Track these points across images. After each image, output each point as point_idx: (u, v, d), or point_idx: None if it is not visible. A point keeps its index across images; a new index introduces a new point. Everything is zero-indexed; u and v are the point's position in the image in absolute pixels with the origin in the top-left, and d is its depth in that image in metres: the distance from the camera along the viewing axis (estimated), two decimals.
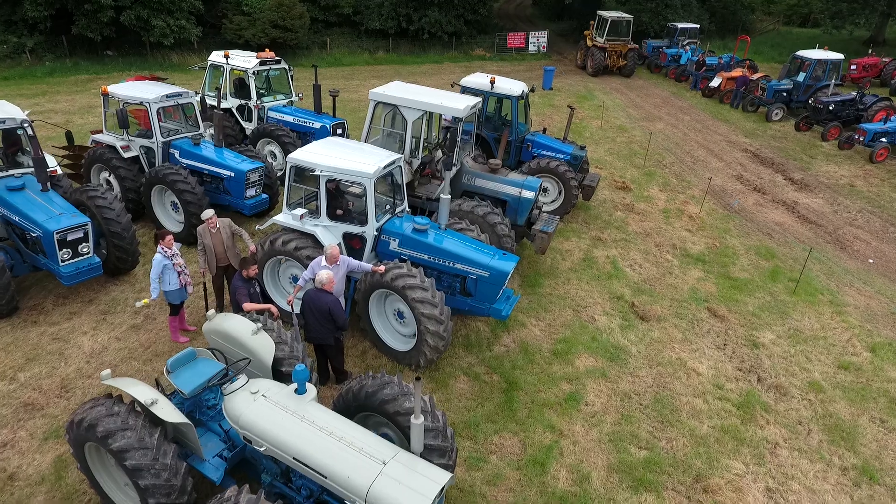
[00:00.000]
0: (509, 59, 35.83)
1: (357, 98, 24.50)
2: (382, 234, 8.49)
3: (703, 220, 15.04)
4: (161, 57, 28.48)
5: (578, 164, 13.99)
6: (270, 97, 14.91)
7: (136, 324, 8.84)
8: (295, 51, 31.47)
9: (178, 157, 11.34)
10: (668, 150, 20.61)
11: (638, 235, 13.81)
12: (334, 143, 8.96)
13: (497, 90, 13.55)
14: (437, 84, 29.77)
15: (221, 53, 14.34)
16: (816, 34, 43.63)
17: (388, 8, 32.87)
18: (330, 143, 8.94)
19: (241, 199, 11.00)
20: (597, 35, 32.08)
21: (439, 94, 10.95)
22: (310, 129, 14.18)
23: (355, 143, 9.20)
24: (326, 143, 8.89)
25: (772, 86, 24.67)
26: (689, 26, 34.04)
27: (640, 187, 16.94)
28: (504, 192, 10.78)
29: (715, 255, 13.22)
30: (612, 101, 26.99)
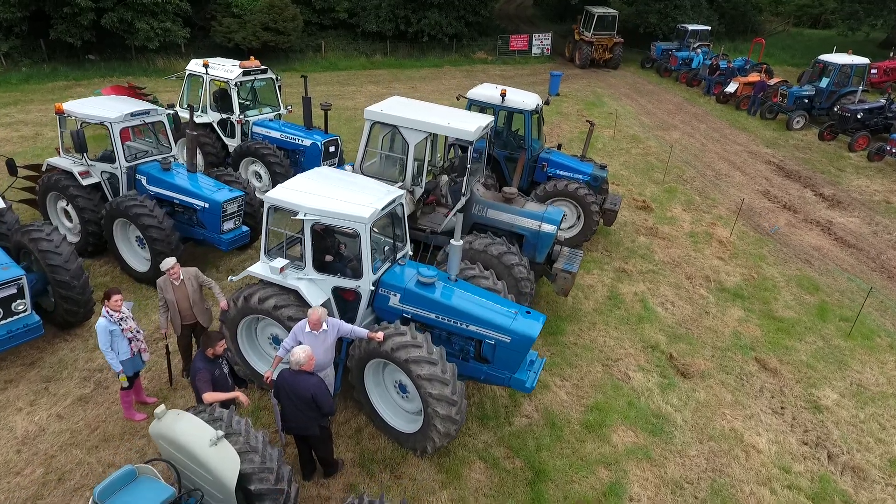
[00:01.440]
0: (512, 63, 34.37)
1: (353, 106, 23.04)
2: (381, 287, 7.03)
3: (734, 246, 13.60)
4: (146, 61, 26.96)
5: (599, 185, 12.54)
6: (255, 110, 13.43)
7: (85, 394, 7.36)
8: (288, 54, 29.98)
9: (145, 185, 9.86)
10: (687, 162, 19.18)
11: (666, 265, 12.37)
12: (321, 176, 7.49)
13: (508, 104, 12.10)
14: (439, 90, 28.41)
15: (200, 62, 12.86)
16: (828, 35, 42.29)
17: (386, 9, 31.38)
18: (316, 175, 7.47)
19: (216, 234, 9.53)
20: (584, 29, 33.15)
21: (445, 112, 9.49)
22: (299, 146, 12.72)
23: (347, 176, 7.73)
24: (312, 176, 7.42)
25: (793, 92, 23.25)
26: (700, 28, 32.64)
27: (662, 207, 15.50)
28: (521, 226, 9.33)
29: (753, 289, 11.79)
30: (623, 107, 25.57)
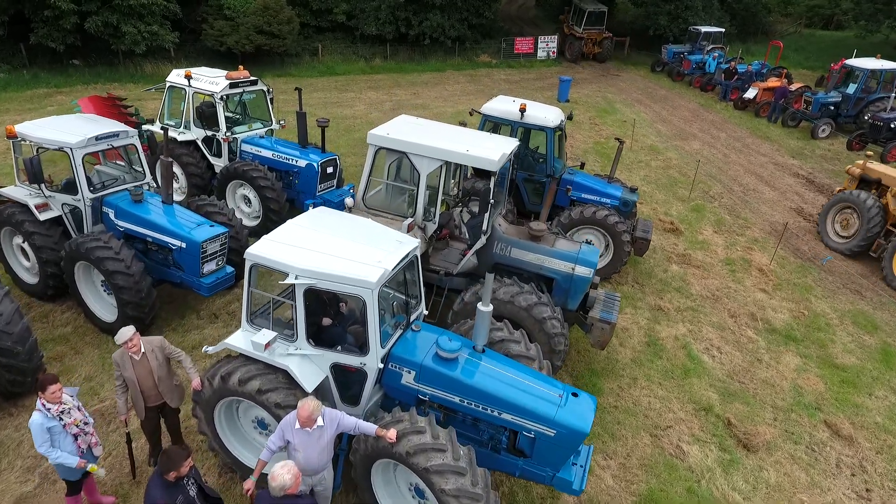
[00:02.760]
0: (517, 66, 33.03)
1: (352, 115, 21.67)
2: (391, 361, 5.67)
3: (776, 275, 12.26)
4: (133, 67, 25.54)
5: (629, 210, 11.19)
6: (244, 126, 12.05)
7: (26, 493, 5.98)
8: (283, 59, 28.60)
9: (113, 219, 8.49)
10: (711, 176, 17.84)
11: (706, 301, 11.02)
12: (316, 222, 6.13)
13: (528, 120, 10.75)
14: (442, 96, 27.01)
15: (182, 73, 11.48)
16: (843, 37, 41.02)
17: (386, 11, 30.00)
18: (310, 222, 6.10)
19: (195, 277, 8.16)
20: (574, 24, 34.07)
21: (461, 136, 8.12)
22: (293, 167, 11.34)
23: (348, 221, 6.35)
24: (304, 222, 6.06)
25: (818, 99, 21.94)
26: (713, 30, 31.33)
27: (692, 228, 14.15)
28: (551, 269, 7.96)
29: (806, 329, 10.46)
30: (637, 114, 24.23)
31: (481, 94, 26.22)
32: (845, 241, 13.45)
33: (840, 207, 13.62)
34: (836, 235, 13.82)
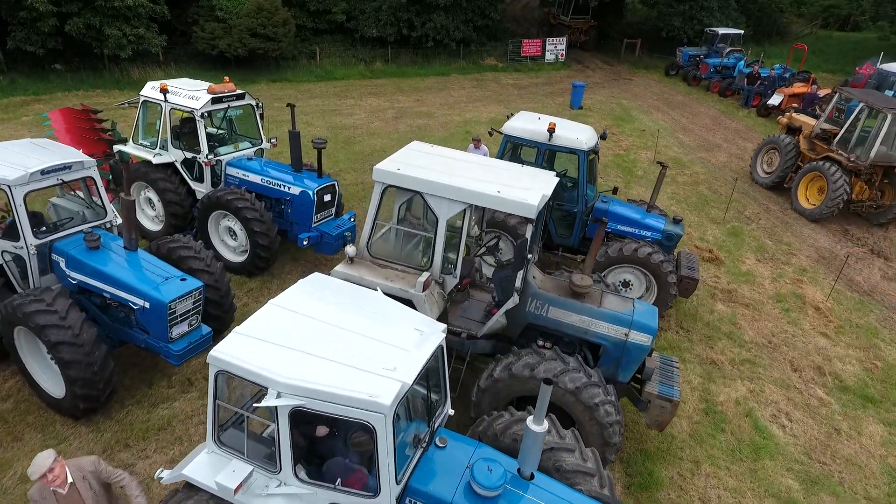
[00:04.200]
0: (524, 70, 31.52)
1: (352, 124, 20.16)
2: (408, 496, 4.17)
3: (836, 315, 10.79)
4: (119, 72, 24.00)
5: (674, 245, 9.71)
6: (230, 146, 10.54)
7: None
8: (279, 62, 27.07)
9: (64, 269, 6.99)
10: (743, 192, 16.34)
11: (762, 349, 9.54)
12: (307, 300, 4.62)
13: (557, 141, 9.27)
14: (448, 102, 25.36)
15: (157, 86, 9.99)
16: (862, 38, 39.55)
17: (387, 13, 28.48)
18: (299, 301, 4.60)
19: (163, 342, 6.66)
20: (561, 14, 34.75)
21: (488, 169, 6.62)
22: (285, 194, 9.84)
23: (348, 296, 4.83)
24: (290, 302, 4.56)
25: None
26: (731, 31, 29.80)
27: (732, 256, 12.67)
28: (599, 334, 6.46)
29: (881, 385, 8.98)
30: (655, 122, 22.74)
31: (489, 101, 24.74)
32: (768, 175, 16.44)
33: (767, 149, 16.63)
34: (762, 172, 16.76)
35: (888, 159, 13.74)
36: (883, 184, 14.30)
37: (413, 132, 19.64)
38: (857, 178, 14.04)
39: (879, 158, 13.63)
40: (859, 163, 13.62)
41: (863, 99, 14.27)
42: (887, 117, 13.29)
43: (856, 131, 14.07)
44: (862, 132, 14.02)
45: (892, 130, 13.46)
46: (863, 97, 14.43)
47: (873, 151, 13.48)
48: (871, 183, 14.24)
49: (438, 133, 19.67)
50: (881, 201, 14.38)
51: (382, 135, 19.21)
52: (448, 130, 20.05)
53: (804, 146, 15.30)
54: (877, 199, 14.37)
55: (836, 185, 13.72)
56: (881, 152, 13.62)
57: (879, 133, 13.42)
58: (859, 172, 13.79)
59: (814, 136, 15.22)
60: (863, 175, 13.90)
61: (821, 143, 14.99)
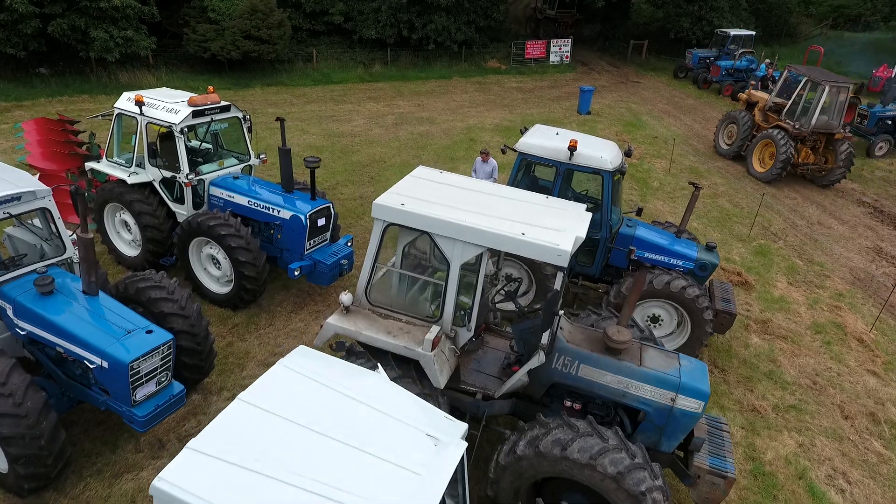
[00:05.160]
0: (528, 73, 30.53)
1: (350, 132, 19.15)
2: None
3: (881, 348, 9.82)
4: (107, 76, 22.98)
5: (708, 275, 8.71)
6: (214, 164, 9.53)
7: None
8: (274, 66, 26.06)
9: (12, 318, 5.99)
10: (766, 205, 15.35)
11: (807, 392, 8.55)
12: (290, 389, 3.61)
13: (580, 161, 8.27)
14: (450, 107, 24.16)
15: (132, 97, 8.99)
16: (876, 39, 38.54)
17: (387, 14, 27.46)
18: (280, 385, 3.59)
19: (125, 406, 5.65)
20: (547, 7, 35.01)
21: (508, 202, 5.62)
22: (274, 219, 8.83)
23: (339, 382, 3.81)
24: (268, 390, 3.55)
25: (875, 112, 19.50)
26: (742, 33, 28.84)
27: (763, 280, 11.69)
28: (640, 398, 5.46)
29: None
30: (667, 128, 21.76)
31: (493, 106, 23.75)
32: (729, 146, 18.47)
33: (727, 123, 18.66)
34: (724, 144, 18.77)
35: (828, 127, 15.75)
36: (826, 150, 16.44)
37: (414, 140, 18.64)
38: (803, 145, 16.15)
39: (820, 126, 15.67)
40: (803, 130, 15.64)
41: (806, 74, 16.00)
42: (825, 89, 15.21)
43: (800, 103, 15.97)
44: (805, 103, 15.89)
45: (829, 101, 15.50)
46: (806, 73, 16.11)
47: (814, 119, 15.51)
48: (816, 149, 16.35)
49: (441, 141, 18.68)
50: (824, 165, 16.50)
51: (382, 143, 18.21)
52: (451, 138, 19.05)
53: (759, 118, 17.28)
54: (821, 164, 16.52)
55: (783, 149, 15.69)
56: (821, 121, 15.66)
57: (819, 103, 15.38)
58: (804, 139, 15.93)
59: (767, 109, 17.02)
60: (808, 142, 16.05)
61: (773, 114, 16.76)
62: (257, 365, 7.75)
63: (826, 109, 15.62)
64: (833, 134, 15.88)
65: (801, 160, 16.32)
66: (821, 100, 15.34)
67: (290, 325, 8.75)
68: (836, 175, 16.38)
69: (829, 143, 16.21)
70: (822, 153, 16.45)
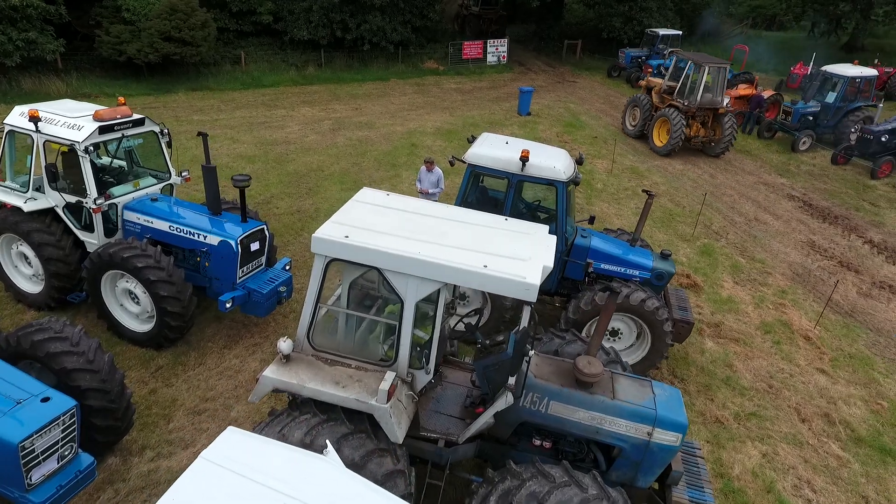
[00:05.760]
0: (467, 73, 30.23)
1: (284, 139, 18.12)
2: None
3: (826, 345, 10.01)
4: (7, 82, 20.74)
5: (664, 284, 8.52)
6: (128, 185, 8.49)
7: None
8: (199, 69, 24.48)
9: None
10: (707, 204, 15.62)
11: (764, 397, 8.53)
12: (216, 495, 2.92)
13: (533, 171, 7.86)
14: (389, 111, 23.38)
15: (25, 112, 7.83)
16: (790, 38, 40.84)
17: (319, 13, 26.39)
18: (204, 490, 2.89)
19: (19, 492, 4.71)
20: (472, 4, 35.97)
21: (464, 226, 5.09)
22: (200, 245, 7.92)
23: (281, 471, 3.15)
24: (191, 487, 2.85)
25: (798, 109, 20.37)
26: (670, 32, 29.69)
27: (710, 280, 11.76)
28: (615, 433, 5.07)
29: (893, 430, 8.15)
30: (605, 128, 21.95)
31: (433, 108, 23.23)
32: (634, 127, 20.65)
33: (631, 107, 20.83)
34: (629, 125, 20.93)
35: (712, 103, 18.02)
36: (714, 124, 18.71)
37: (353, 146, 17.85)
38: (694, 121, 18.42)
39: (705, 103, 17.94)
40: (691, 107, 17.82)
41: (690, 58, 18.37)
42: (706, 69, 17.47)
43: (688, 84, 18.18)
44: (691, 84, 18.09)
45: (711, 80, 17.86)
46: (691, 57, 18.45)
47: (699, 97, 17.76)
48: (705, 124, 18.68)
49: (381, 146, 17.98)
50: (713, 137, 18.85)
51: (319, 150, 17.31)
52: (392, 143, 18.38)
53: (656, 100, 19.42)
54: (710, 136, 18.85)
55: (676, 125, 17.93)
56: (706, 98, 17.96)
57: (701, 82, 17.63)
58: (694, 115, 18.17)
59: (662, 92, 19.22)
60: (697, 117, 18.33)
61: (667, 96, 18.96)
62: (186, 414, 6.86)
63: (709, 88, 17.94)
64: (717, 109, 18.12)
65: (693, 134, 18.59)
66: (703, 79, 17.53)
67: (224, 363, 7.87)
68: (723, 145, 18.66)
69: (716, 117, 18.47)
70: (711, 126, 18.72)
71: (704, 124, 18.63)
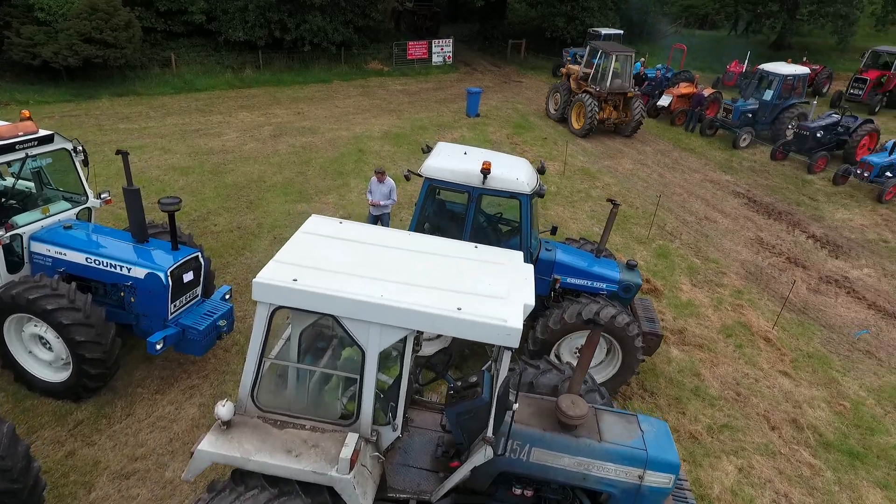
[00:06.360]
0: (412, 74, 29.58)
1: (221, 147, 16.97)
2: None
3: (786, 345, 10.04)
4: None
5: (632, 296, 8.23)
6: (36, 212, 7.42)
7: None
8: (125, 72, 22.77)
9: None
10: (655, 202, 15.66)
11: (733, 406, 8.38)
12: None
13: (495, 184, 7.35)
14: (333, 114, 22.26)
15: None
16: (721, 36, 42.30)
17: (255, 13, 25.07)
18: None
19: None
20: (406, 0, 36.57)
21: (431, 258, 4.51)
22: (124, 279, 6.98)
23: None
24: None
25: (739, 107, 20.88)
26: (612, 32, 29.95)
27: (669, 284, 11.66)
28: (604, 479, 4.63)
29: (857, 431, 8.19)
30: (555, 129, 21.83)
31: (379, 111, 22.48)
32: (556, 111, 22.50)
33: (553, 93, 22.87)
34: (552, 109, 22.81)
35: (621, 88, 19.89)
36: (625, 107, 20.52)
37: (297, 153, 16.91)
38: (607, 104, 20.24)
39: (614, 88, 19.78)
40: (602, 92, 19.67)
41: (601, 47, 20.17)
42: (613, 57, 19.25)
43: (599, 71, 19.99)
44: (602, 71, 19.83)
45: (620, 67, 19.65)
46: (601, 46, 20.30)
47: (608, 83, 19.56)
48: (617, 107, 20.49)
49: (327, 153, 17.12)
50: (624, 119, 20.67)
51: (260, 159, 16.29)
52: (338, 149, 17.55)
53: (574, 87, 21.27)
54: (621, 118, 20.66)
55: (590, 109, 19.74)
56: (615, 84, 19.76)
57: (609, 69, 19.44)
58: (606, 99, 20.03)
59: (579, 79, 20.93)
60: (609, 101, 20.19)
61: (583, 82, 20.63)
62: (111, 479, 5.94)
63: (618, 74, 19.70)
64: (626, 93, 20.11)
65: (605, 116, 20.40)
66: (610, 67, 19.36)
67: (156, 412, 6.96)
68: (633, 126, 20.67)
69: (626, 101, 20.36)
70: (623, 109, 20.57)
71: (616, 107, 20.47)
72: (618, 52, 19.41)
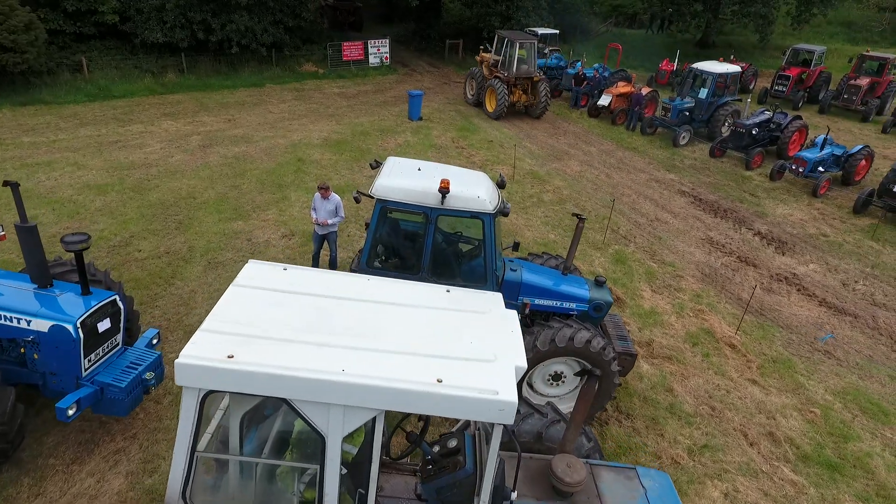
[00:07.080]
0: (349, 76, 28.50)
1: (143, 161, 15.46)
2: None
3: (750, 350, 9.94)
4: None
5: (604, 315, 7.77)
6: None
7: None
8: (28, 79, 20.55)
9: None
10: (607, 205, 15.50)
11: (709, 423, 8.10)
12: None
13: (455, 204, 6.67)
14: (268, 121, 20.82)
15: None
16: (650, 36, 43.44)
17: (174, 13, 23.27)
18: None
19: None
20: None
21: (393, 309, 3.77)
22: (24, 333, 5.82)
23: None
24: None
25: (677, 105, 21.19)
26: (549, 31, 30.10)
27: (630, 292, 11.40)
28: None
29: (832, 441, 8.08)
30: (500, 131, 21.42)
31: (317, 116, 21.36)
32: (472, 97, 23.84)
33: (469, 79, 24.25)
34: (469, 94, 24.16)
35: (527, 73, 21.65)
36: (534, 91, 22.30)
37: (229, 165, 15.64)
38: (517, 88, 21.99)
39: (521, 73, 21.47)
40: (510, 77, 21.27)
41: (507, 36, 21.29)
42: (517, 45, 20.76)
43: (506, 58, 21.32)
44: (509, 58, 21.17)
45: (525, 53, 21.30)
46: (507, 35, 21.34)
47: (514, 68, 21.12)
48: (525, 91, 22.32)
49: (263, 164, 15.94)
50: (533, 101, 22.50)
51: (188, 173, 14.94)
52: (275, 159, 16.40)
53: (487, 73, 22.75)
54: (530, 100, 22.57)
55: (500, 93, 21.36)
56: (522, 69, 21.43)
57: (514, 56, 20.90)
58: (515, 84, 21.72)
59: (491, 66, 22.22)
60: (518, 85, 21.95)
61: (495, 69, 22.04)
62: None
63: (524, 60, 21.34)
64: (532, 78, 21.83)
65: (516, 100, 22.15)
66: (514, 53, 20.80)
67: (73, 488, 5.86)
68: (541, 107, 22.38)
69: (533, 85, 22.12)
70: (532, 93, 22.31)
71: (525, 91, 22.21)
72: (522, 41, 20.74)
